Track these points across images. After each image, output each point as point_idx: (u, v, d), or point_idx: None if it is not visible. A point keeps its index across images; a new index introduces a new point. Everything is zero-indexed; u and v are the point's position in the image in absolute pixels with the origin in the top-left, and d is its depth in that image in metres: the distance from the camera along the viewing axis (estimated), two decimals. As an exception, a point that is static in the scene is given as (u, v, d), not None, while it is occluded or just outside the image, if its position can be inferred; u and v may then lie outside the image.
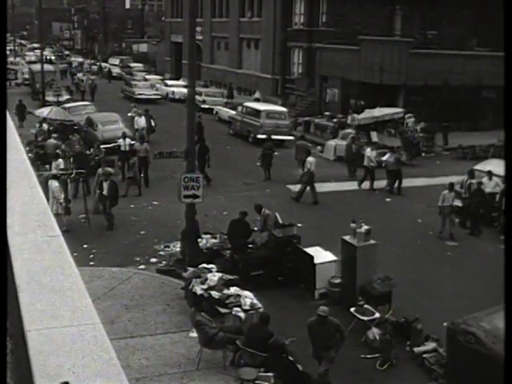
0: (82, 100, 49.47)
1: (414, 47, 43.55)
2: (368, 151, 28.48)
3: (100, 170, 23.17)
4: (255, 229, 19.28)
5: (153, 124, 37.26)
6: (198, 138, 28.06)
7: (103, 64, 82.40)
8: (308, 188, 26.68)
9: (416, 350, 14.49)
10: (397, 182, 28.23)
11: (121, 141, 28.80)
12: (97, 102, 48.57)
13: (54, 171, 21.65)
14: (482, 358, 7.44)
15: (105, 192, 21.94)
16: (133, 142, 29.19)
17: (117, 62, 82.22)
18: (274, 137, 35.70)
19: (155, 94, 56.24)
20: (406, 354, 14.59)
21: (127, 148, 28.40)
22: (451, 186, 22.87)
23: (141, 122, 36.17)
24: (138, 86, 57.29)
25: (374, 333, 14.83)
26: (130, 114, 39.07)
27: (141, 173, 27.41)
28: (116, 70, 75.14)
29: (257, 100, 51.92)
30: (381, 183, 28.74)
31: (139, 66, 77.78)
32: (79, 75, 61.05)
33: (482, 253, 21.22)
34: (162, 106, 52.06)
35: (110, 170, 22.29)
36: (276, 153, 35.52)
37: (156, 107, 46.18)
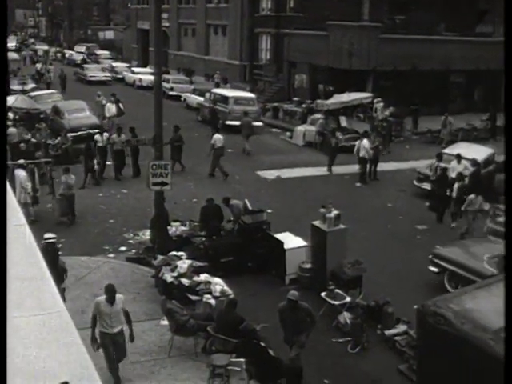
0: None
1: (383, 32, 43.60)
2: (365, 142, 28.07)
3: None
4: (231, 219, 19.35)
5: (121, 107, 36.97)
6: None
7: (68, 51, 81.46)
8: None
9: (387, 332, 14.59)
10: (372, 166, 28.33)
11: (98, 137, 27.28)
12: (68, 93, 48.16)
13: (20, 161, 21.33)
14: (451, 339, 7.48)
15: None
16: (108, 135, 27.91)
17: (83, 49, 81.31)
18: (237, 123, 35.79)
19: (106, 76, 59.54)
20: (377, 337, 14.68)
21: (105, 143, 27.11)
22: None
23: (112, 109, 35.80)
24: (89, 69, 61.02)
25: (345, 317, 14.89)
26: (98, 100, 38.72)
27: (118, 168, 27.00)
28: (81, 58, 74.18)
29: (217, 84, 52.00)
30: (350, 168, 28.82)
31: (105, 53, 76.97)
32: (38, 66, 59.80)
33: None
34: (127, 92, 51.67)
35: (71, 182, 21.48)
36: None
37: (121, 94, 45.77)
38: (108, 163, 27.09)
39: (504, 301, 6.13)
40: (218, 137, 28.34)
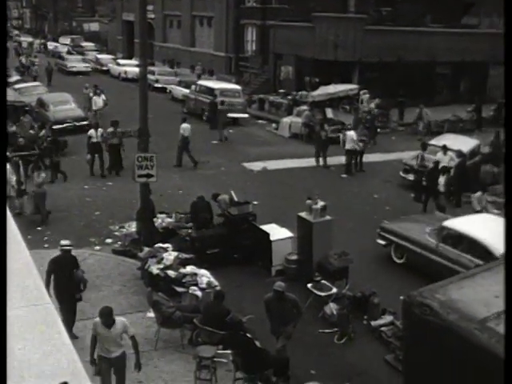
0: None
1: (369, 24, 43.57)
2: (352, 134, 28.15)
3: None
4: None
5: (104, 98, 36.77)
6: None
7: (52, 43, 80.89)
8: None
9: (373, 323, 14.64)
10: (358, 158, 28.40)
11: (92, 132, 26.18)
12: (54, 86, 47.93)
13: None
14: (437, 329, 7.51)
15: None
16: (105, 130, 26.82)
17: (68, 41, 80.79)
18: (228, 115, 35.97)
19: (86, 67, 61.04)
20: (363, 327, 14.73)
21: (99, 139, 26.18)
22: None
23: (99, 102, 35.54)
24: (69, 60, 62.20)
25: (332, 308, 14.92)
26: (85, 92, 38.54)
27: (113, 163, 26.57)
28: (65, 50, 73.66)
29: (198, 76, 51.96)
30: (336, 159, 28.83)
31: (90, 45, 76.56)
32: (21, 58, 59.38)
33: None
34: (113, 84, 51.45)
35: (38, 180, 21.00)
36: (231, 130, 35.57)
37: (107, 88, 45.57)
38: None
39: (504, 301, 6.18)
40: (186, 126, 28.34)
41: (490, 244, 15.74)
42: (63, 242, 13.59)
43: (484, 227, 16.94)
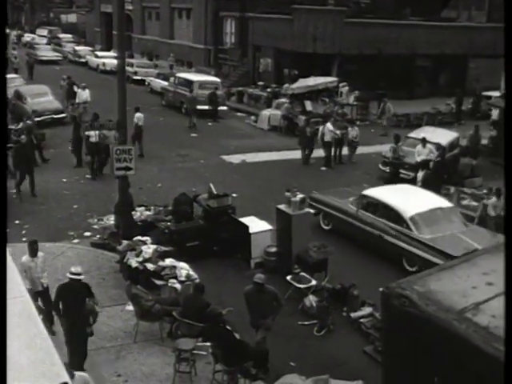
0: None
1: (348, 16, 43.58)
2: (328, 125, 28.26)
3: None
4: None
5: (75, 89, 36.39)
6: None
7: (29, 35, 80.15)
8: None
9: (353, 315, 14.69)
10: (337, 150, 28.48)
11: (90, 131, 24.25)
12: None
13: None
14: (416, 320, 7.55)
15: None
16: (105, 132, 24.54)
17: (45, 32, 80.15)
18: (207, 107, 36.08)
19: (57, 56, 62.41)
20: (342, 319, 14.78)
21: (97, 139, 24.70)
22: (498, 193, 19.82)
23: (83, 95, 34.73)
24: (40, 49, 62.93)
25: (311, 300, 14.96)
26: (62, 84, 38.22)
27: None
28: (43, 41, 73.04)
29: (170, 66, 51.83)
30: (315, 152, 28.84)
31: (68, 36, 75.93)
32: None
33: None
34: (91, 76, 51.14)
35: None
36: (210, 123, 35.54)
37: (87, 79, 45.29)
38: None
39: (504, 300, 6.21)
40: (139, 115, 28.07)
41: (400, 208, 17.74)
42: (73, 270, 12.14)
43: (397, 195, 18.91)
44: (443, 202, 18.63)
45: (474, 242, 16.35)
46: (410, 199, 18.59)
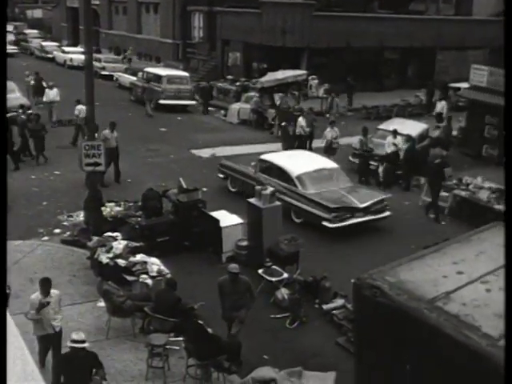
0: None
1: (317, 9, 43.67)
2: (300, 120, 28.34)
3: None
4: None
5: (44, 85, 35.98)
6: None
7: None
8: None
9: (325, 307, 14.74)
10: (307, 143, 28.54)
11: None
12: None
13: None
14: (387, 310, 7.58)
15: None
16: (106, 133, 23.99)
17: (10, 28, 79.21)
18: (176, 102, 36.06)
19: (12, 49, 61.37)
20: (315, 311, 14.83)
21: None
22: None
23: (51, 94, 33.25)
24: None
25: (283, 293, 14.98)
26: (26, 80, 37.79)
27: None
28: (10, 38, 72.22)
29: (129, 60, 51.58)
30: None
31: (34, 32, 75.15)
32: None
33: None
34: (58, 72, 50.69)
35: None
36: (179, 118, 35.43)
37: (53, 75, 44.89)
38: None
39: (504, 300, 6.24)
40: (82, 107, 27.49)
41: (288, 169, 20.62)
42: (75, 337, 10.44)
43: (288, 158, 21.86)
44: (330, 164, 21.68)
45: (353, 197, 19.66)
46: (298, 162, 21.45)
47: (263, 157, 22.11)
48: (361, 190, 21.12)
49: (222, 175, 23.31)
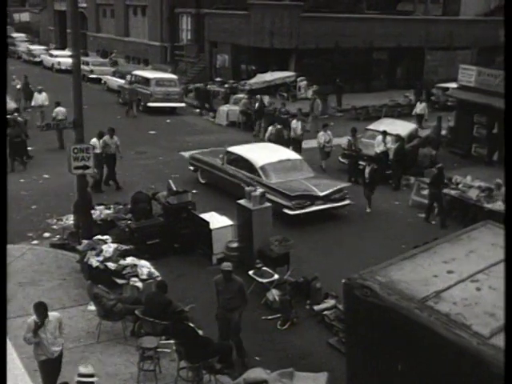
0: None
1: (305, 11, 43.71)
2: (294, 123, 28.37)
3: None
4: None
5: (32, 89, 35.77)
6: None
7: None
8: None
9: (316, 308, 14.72)
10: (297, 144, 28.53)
11: (94, 141, 22.48)
12: None
13: None
14: (378, 310, 7.60)
15: None
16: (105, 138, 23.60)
17: (-3, 32, 79.06)
18: (165, 104, 36.07)
19: None
20: (306, 312, 14.80)
21: (103, 150, 23.36)
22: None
23: (39, 98, 32.37)
24: None
25: (274, 294, 14.95)
26: (13, 84, 37.62)
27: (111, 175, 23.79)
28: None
29: (114, 63, 51.50)
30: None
31: (22, 35, 74.88)
32: None
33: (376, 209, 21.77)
34: (46, 76, 50.58)
35: None
36: (168, 120, 35.39)
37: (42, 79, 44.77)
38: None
39: (504, 299, 6.25)
40: (60, 109, 28.37)
41: (253, 160, 21.58)
42: (83, 370, 9.66)
43: (253, 150, 22.89)
44: (293, 155, 22.77)
45: (314, 186, 20.55)
46: (262, 153, 22.43)
47: (230, 149, 22.99)
48: (322, 179, 21.87)
49: (192, 168, 24.43)
